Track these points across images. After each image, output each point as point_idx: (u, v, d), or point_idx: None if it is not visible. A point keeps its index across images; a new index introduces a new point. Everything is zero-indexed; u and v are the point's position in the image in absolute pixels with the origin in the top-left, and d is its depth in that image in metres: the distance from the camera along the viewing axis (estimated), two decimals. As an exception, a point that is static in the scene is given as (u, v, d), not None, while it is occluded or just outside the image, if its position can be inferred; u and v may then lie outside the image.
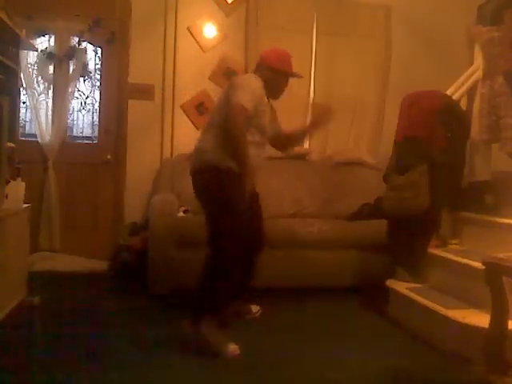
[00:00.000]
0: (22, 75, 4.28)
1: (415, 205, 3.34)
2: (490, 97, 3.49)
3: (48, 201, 4.40)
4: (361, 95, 4.89)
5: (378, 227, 3.67)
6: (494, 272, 2.26)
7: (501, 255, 2.32)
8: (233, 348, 2.65)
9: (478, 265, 2.62)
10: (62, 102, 4.44)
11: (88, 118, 4.76)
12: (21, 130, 4.54)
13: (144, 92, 4.56)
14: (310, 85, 4.76)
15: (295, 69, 3.13)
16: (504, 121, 3.36)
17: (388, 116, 4.75)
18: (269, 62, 3.03)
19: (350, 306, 3.60)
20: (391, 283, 3.41)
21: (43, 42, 4.45)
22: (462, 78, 3.89)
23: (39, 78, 4.40)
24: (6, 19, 3.31)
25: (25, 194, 3.28)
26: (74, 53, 4.42)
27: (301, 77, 3.19)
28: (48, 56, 4.38)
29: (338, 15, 4.82)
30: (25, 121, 4.61)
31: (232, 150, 2.78)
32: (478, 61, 3.75)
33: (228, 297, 2.81)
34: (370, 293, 3.66)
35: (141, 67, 4.54)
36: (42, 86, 4.42)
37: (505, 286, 2.24)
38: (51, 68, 4.42)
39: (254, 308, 3.30)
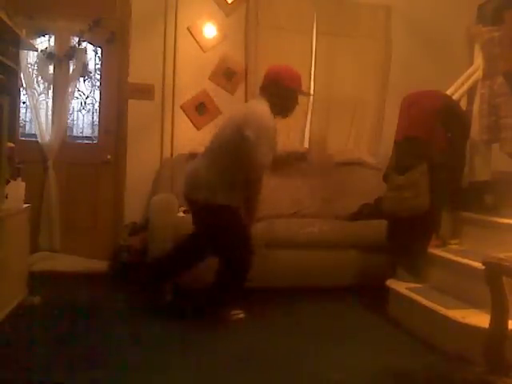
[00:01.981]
0: (22, 75, 4.29)
1: (415, 205, 3.33)
2: (490, 97, 3.48)
3: (48, 201, 4.39)
4: (361, 95, 4.89)
5: (378, 227, 3.67)
6: (494, 272, 2.26)
7: (501, 255, 2.32)
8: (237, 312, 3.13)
9: (478, 265, 2.62)
10: (62, 102, 4.44)
11: (88, 118, 4.76)
12: (21, 129, 4.54)
13: (144, 92, 4.55)
14: (310, 85, 4.77)
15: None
16: (504, 121, 3.35)
17: (388, 116, 4.75)
18: (283, 82, 3.02)
19: (349, 306, 3.60)
20: (391, 283, 3.41)
21: (43, 42, 4.45)
22: (461, 78, 3.90)
23: (39, 78, 4.40)
24: (6, 19, 3.31)
25: (25, 194, 3.29)
26: (74, 53, 4.42)
27: (309, 95, 3.24)
28: (48, 56, 4.38)
29: (338, 15, 4.81)
30: (25, 121, 4.61)
31: (250, 195, 3.14)
32: (478, 61, 3.75)
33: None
34: (370, 293, 3.65)
35: (141, 67, 4.54)
36: (42, 86, 4.41)
37: (505, 286, 2.24)
38: (51, 68, 4.42)
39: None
